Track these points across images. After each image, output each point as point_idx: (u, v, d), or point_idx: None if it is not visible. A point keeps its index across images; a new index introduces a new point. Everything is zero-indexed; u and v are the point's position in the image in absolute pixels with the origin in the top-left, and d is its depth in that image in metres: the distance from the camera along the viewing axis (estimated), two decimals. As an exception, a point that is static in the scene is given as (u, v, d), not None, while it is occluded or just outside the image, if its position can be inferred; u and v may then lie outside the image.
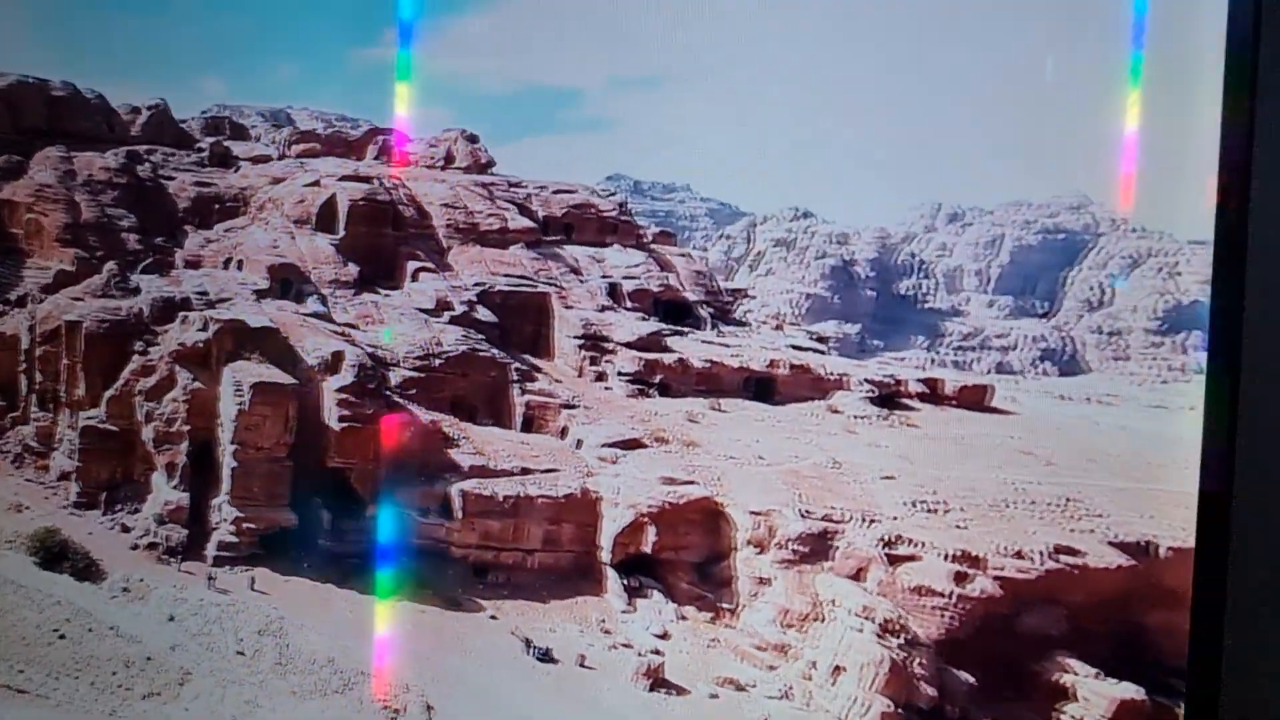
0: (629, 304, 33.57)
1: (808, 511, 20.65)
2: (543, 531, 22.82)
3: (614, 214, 38.27)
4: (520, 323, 30.94)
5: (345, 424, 24.60)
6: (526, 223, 36.16)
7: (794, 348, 32.17)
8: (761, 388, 29.96)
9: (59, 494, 26.42)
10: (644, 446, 24.66)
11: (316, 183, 36.65)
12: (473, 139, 41.97)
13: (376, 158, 42.19)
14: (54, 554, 22.70)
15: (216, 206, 39.62)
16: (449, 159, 39.48)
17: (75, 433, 26.57)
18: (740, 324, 37.96)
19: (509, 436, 26.47)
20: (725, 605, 21.15)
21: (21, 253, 38.15)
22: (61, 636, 20.73)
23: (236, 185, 40.52)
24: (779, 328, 41.31)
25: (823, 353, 32.49)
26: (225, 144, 44.83)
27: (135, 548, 23.99)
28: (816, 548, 20.19)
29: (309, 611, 21.53)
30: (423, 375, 27.50)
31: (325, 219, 34.92)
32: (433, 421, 25.37)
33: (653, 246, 38.45)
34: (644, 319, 32.50)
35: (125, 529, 24.79)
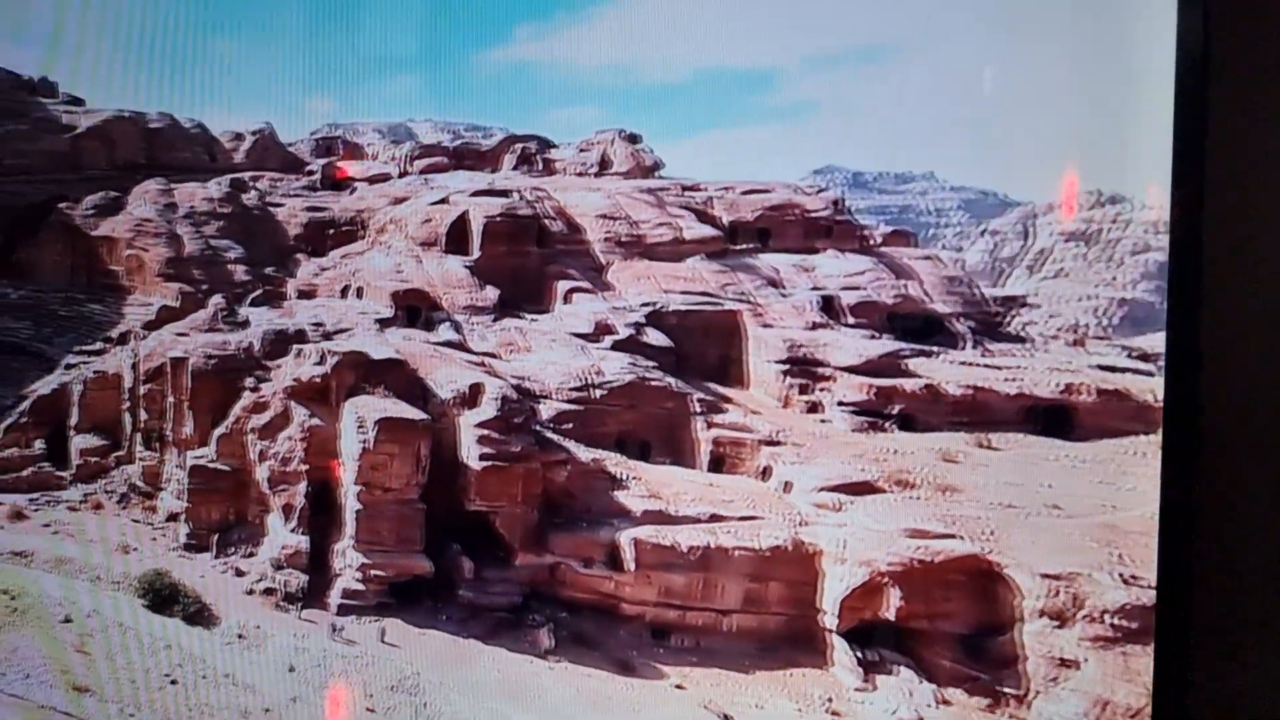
0: (850, 320, 35.90)
1: (1133, 577, 20.61)
2: (742, 590, 24.89)
3: (826, 213, 41.59)
4: (702, 346, 35.07)
5: (487, 463, 29.20)
6: (707, 230, 41.08)
7: (1102, 368, 31.29)
8: (1052, 419, 29.54)
9: (167, 535, 32.98)
10: (878, 491, 26.25)
11: (445, 200, 45.38)
12: (633, 139, 49.81)
13: (515, 168, 51.43)
14: (164, 597, 28.35)
15: (330, 232, 50.05)
16: (604, 164, 47.15)
17: (184, 472, 33.56)
18: (1017, 339, 38.05)
19: (693, 477, 29.75)
20: (1009, 690, 21.40)
21: (122, 289, 49.63)
22: (173, 682, 25.51)
23: (352, 208, 51.21)
24: (1078, 343, 39.90)
25: (1148, 374, 30.32)
26: (338, 164, 57.18)
27: (250, 593, 29.13)
28: (1148, 623, 20.15)
29: (449, 669, 24.92)
30: (580, 408, 32.22)
31: (456, 239, 43.04)
32: (594, 460, 29.31)
33: (882, 250, 40.75)
34: (873, 337, 34.53)
35: (239, 573, 30.30)
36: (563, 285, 39.63)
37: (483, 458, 29.15)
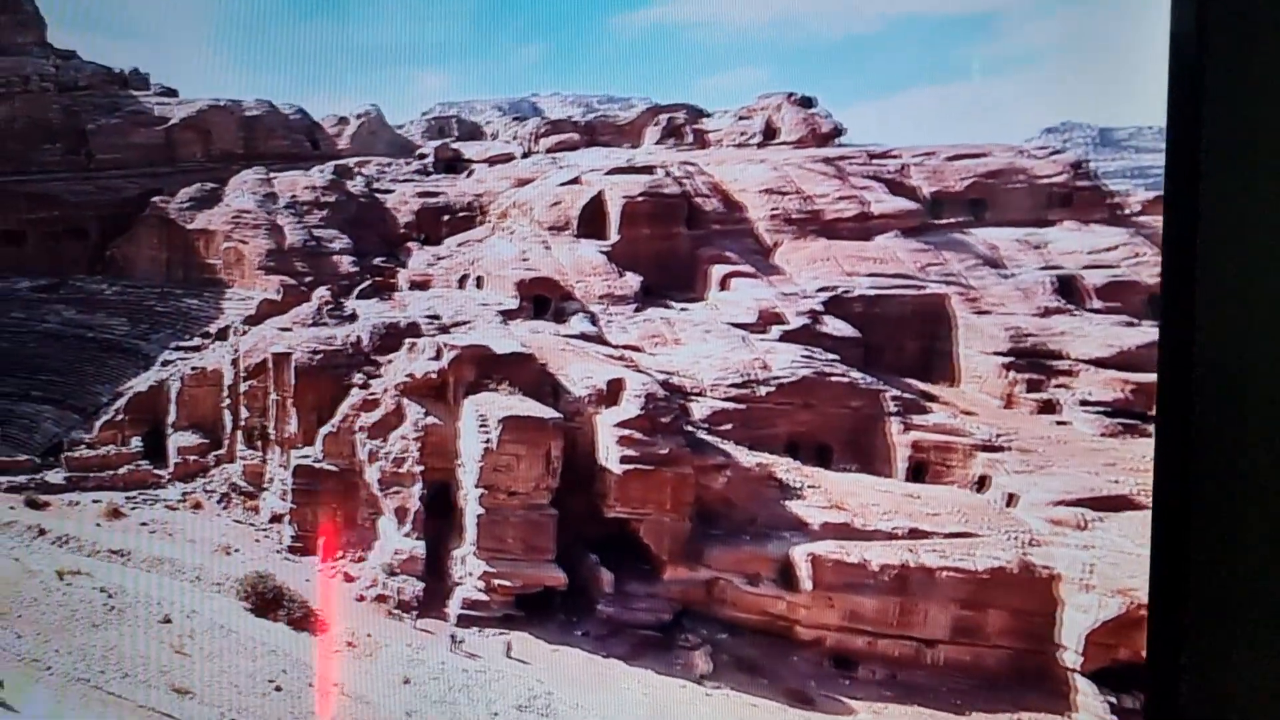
0: (1097, 304, 37.07)
1: None
2: (950, 617, 25.72)
3: (1062, 178, 43.27)
4: (898, 336, 36.80)
5: (629, 466, 31.97)
6: (902, 203, 43.62)
7: None
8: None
9: (271, 537, 38.13)
10: (1137, 507, 26.64)
11: (576, 180, 50.58)
12: (806, 103, 53.54)
13: (660, 142, 56.29)
14: (267, 600, 32.71)
15: (446, 218, 56.81)
16: (769, 133, 50.86)
17: (288, 472, 38.73)
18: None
19: (886, 486, 31.12)
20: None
21: (221, 283, 58.22)
22: (278, 689, 29.38)
23: (470, 192, 57.68)
24: None
25: None
26: (453, 147, 64.95)
27: (361, 599, 33.11)
28: None
29: (587, 689, 27.27)
30: (742, 407, 34.68)
31: (591, 222, 47.79)
32: (760, 465, 31.40)
33: (1140, 219, 41.91)
34: (1129, 324, 35.36)
35: (348, 578, 34.58)
36: (719, 270, 42.79)
37: (624, 460, 31.96)
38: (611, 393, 34.40)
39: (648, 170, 48.55)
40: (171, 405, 46.72)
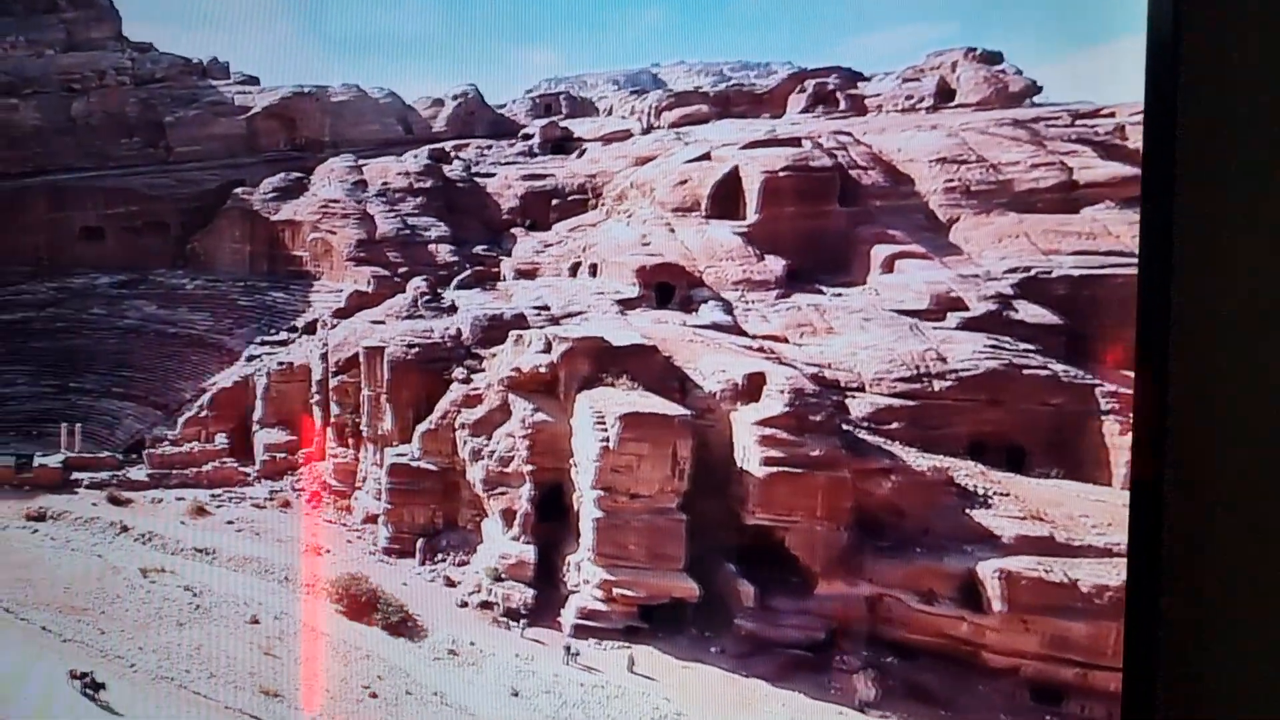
0: None
1: None
2: (1185, 647, 24.47)
3: None
4: (1113, 324, 35.62)
5: (773, 469, 32.31)
6: (1117, 169, 42.22)
7: None
8: None
9: (364, 538, 40.03)
10: None
11: (706, 155, 51.56)
12: (990, 58, 53.00)
13: (806, 110, 56.91)
14: (361, 604, 34.33)
15: (555, 202, 58.86)
16: (943, 94, 50.57)
17: (382, 471, 40.52)
18: None
19: (1100, 496, 30.47)
20: None
21: (308, 276, 61.58)
22: (373, 695, 30.68)
23: (582, 173, 59.61)
24: None
25: None
26: (562, 125, 66.77)
27: (464, 605, 34.43)
28: None
29: (725, 711, 27.73)
30: (912, 404, 34.56)
31: (723, 202, 48.70)
32: (935, 469, 31.09)
33: None
34: None
35: (450, 582, 36.01)
36: (881, 250, 42.80)
37: (767, 462, 32.32)
38: (750, 388, 34.90)
39: (793, 142, 49.10)
40: (258, 401, 49.80)
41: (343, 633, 33.28)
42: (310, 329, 54.51)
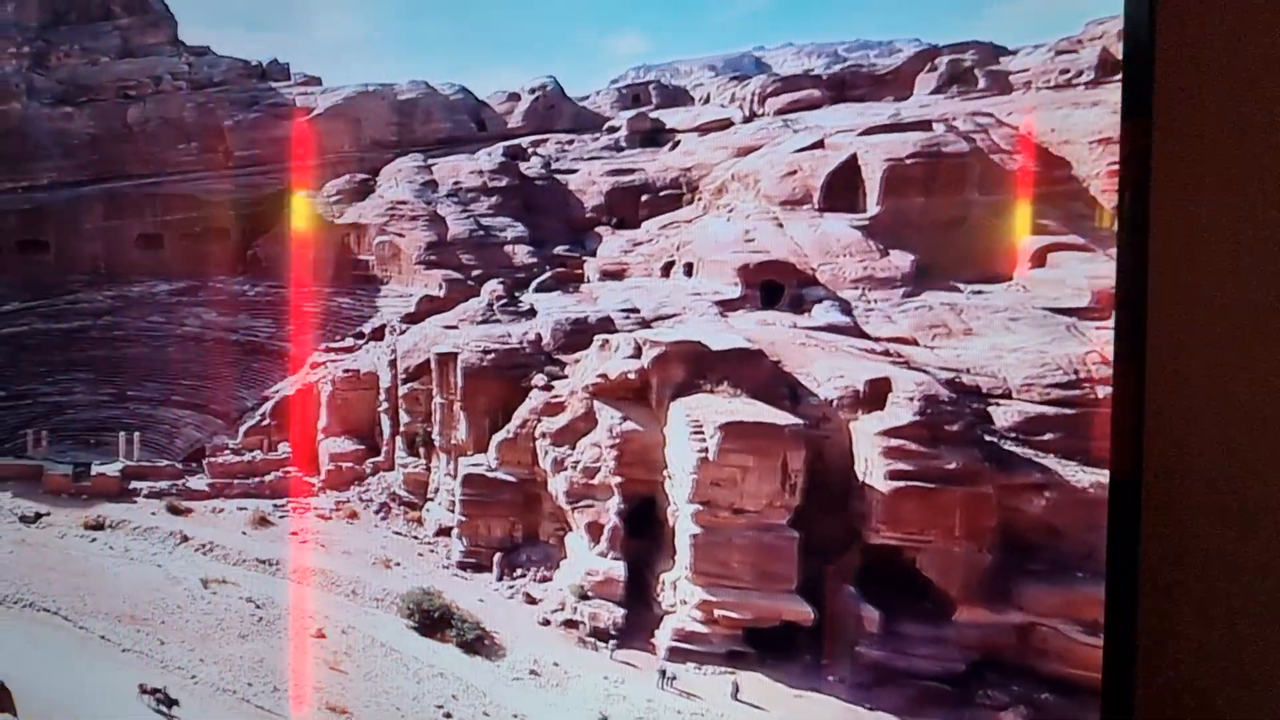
0: None
1: None
2: None
3: None
4: None
5: (900, 483, 31.88)
6: None
7: None
8: None
9: (437, 551, 40.72)
10: None
11: (818, 144, 51.52)
12: None
13: (938, 91, 56.29)
14: (434, 619, 34.91)
15: (645, 198, 59.48)
16: (1107, 67, 48.97)
17: (456, 481, 41.20)
18: None
19: None
20: None
21: (374, 280, 62.74)
22: (447, 715, 30.72)
23: (675, 167, 60.13)
24: None
25: None
26: (652, 116, 67.27)
27: (546, 623, 34.66)
28: None
29: None
30: (1070, 412, 33.63)
31: (839, 193, 48.45)
32: (1099, 484, 29.93)
33: None
34: None
35: (531, 599, 36.33)
36: (1031, 242, 41.82)
37: (893, 475, 31.89)
38: (873, 395, 34.50)
39: (921, 126, 48.57)
40: (322, 409, 51.06)
41: (414, 649, 33.79)
42: (378, 335, 55.79)
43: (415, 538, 41.81)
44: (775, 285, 45.15)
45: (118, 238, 71.33)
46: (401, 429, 46.70)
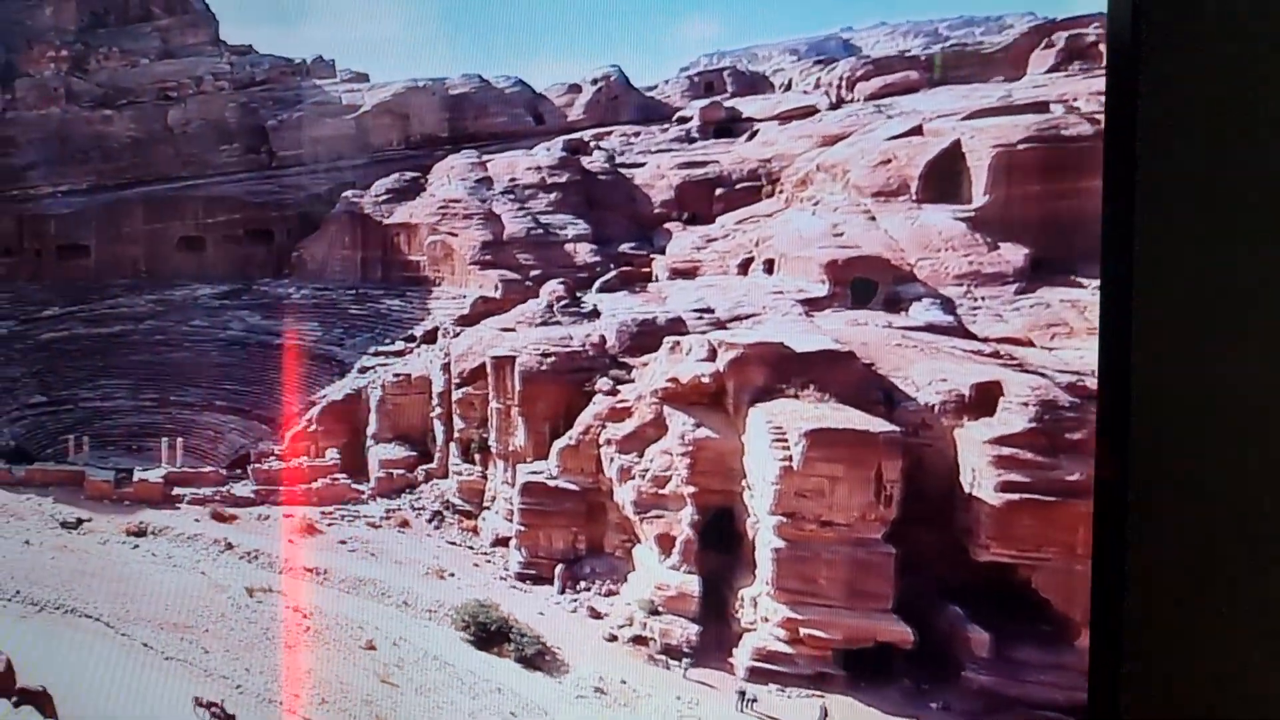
0: None
1: None
2: None
3: None
4: None
5: (1015, 495, 31.34)
6: None
7: None
8: None
9: (493, 562, 40.88)
10: None
11: (916, 130, 51.21)
12: None
13: (1055, 69, 55.38)
14: (491, 632, 34.95)
15: (719, 192, 59.45)
16: None
17: (514, 490, 41.36)
18: None
19: None
20: None
21: (426, 281, 63.25)
22: None
23: (753, 158, 60.07)
24: None
25: None
26: (727, 105, 67.08)
27: (613, 639, 34.55)
28: None
29: None
30: None
31: (940, 183, 47.98)
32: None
33: None
34: None
35: (596, 614, 36.30)
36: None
37: (1006, 488, 31.38)
38: (981, 399, 34.01)
39: (1037, 108, 47.99)
40: (371, 415, 51.63)
41: (470, 663, 33.80)
42: (430, 338, 56.38)
43: (470, 548, 42.03)
44: (867, 282, 44.85)
45: (159, 241, 72.85)
46: (456, 435, 47.08)
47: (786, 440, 32.91)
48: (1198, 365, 5.44)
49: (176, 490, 47.11)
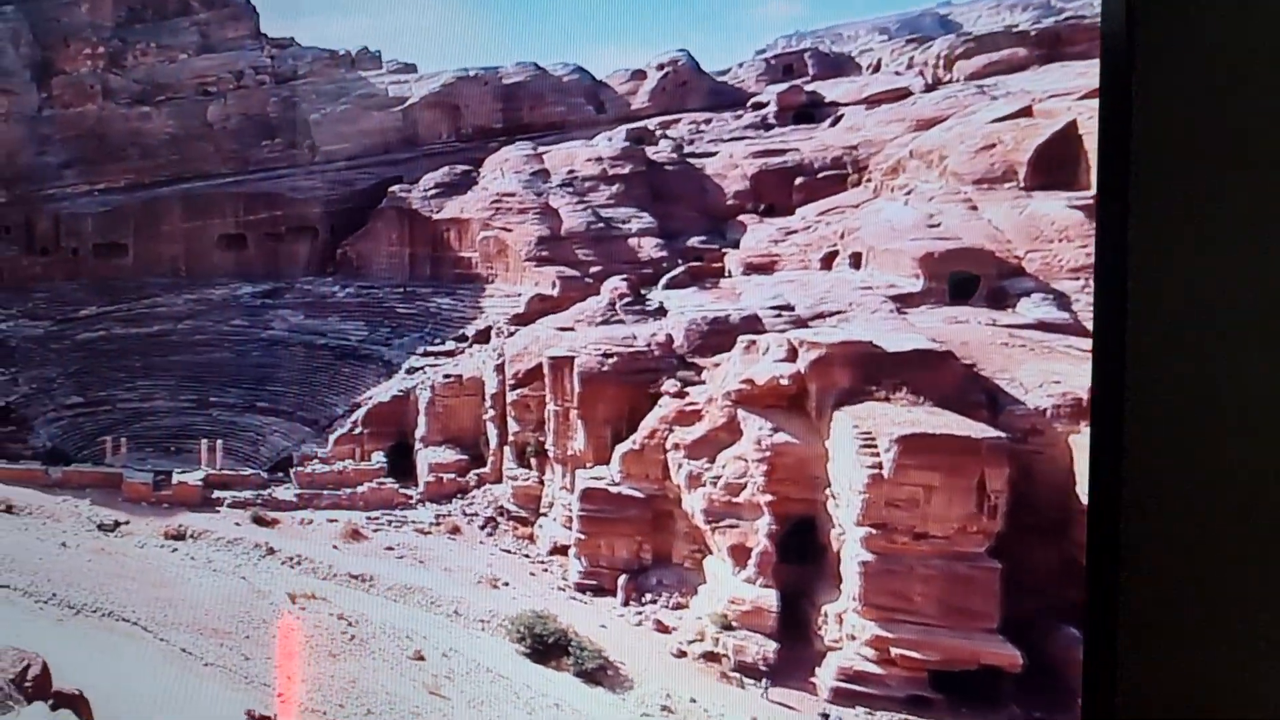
0: None
1: None
2: None
3: None
4: None
5: None
6: None
7: None
8: None
9: (550, 571, 40.88)
10: None
11: (1024, 111, 50.32)
12: None
13: None
14: (548, 644, 34.64)
15: (799, 181, 58.95)
16: None
17: (573, 496, 41.26)
18: None
19: None
20: None
21: (478, 279, 63.23)
22: None
23: (837, 145, 59.53)
24: None
25: None
26: (808, 89, 66.46)
27: (681, 655, 34.14)
28: None
29: None
30: None
31: (1052, 168, 46.88)
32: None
33: None
34: None
35: (663, 627, 36.00)
36: None
37: None
38: None
39: None
40: (420, 417, 51.83)
41: (525, 676, 33.58)
42: (482, 337, 56.60)
43: (526, 556, 42.11)
44: (968, 276, 44.08)
45: (198, 239, 73.60)
46: (510, 438, 47.14)
47: (875, 446, 32.40)
48: (1193, 370, 5.99)
49: (216, 493, 47.70)
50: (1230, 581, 5.87)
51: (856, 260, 48.82)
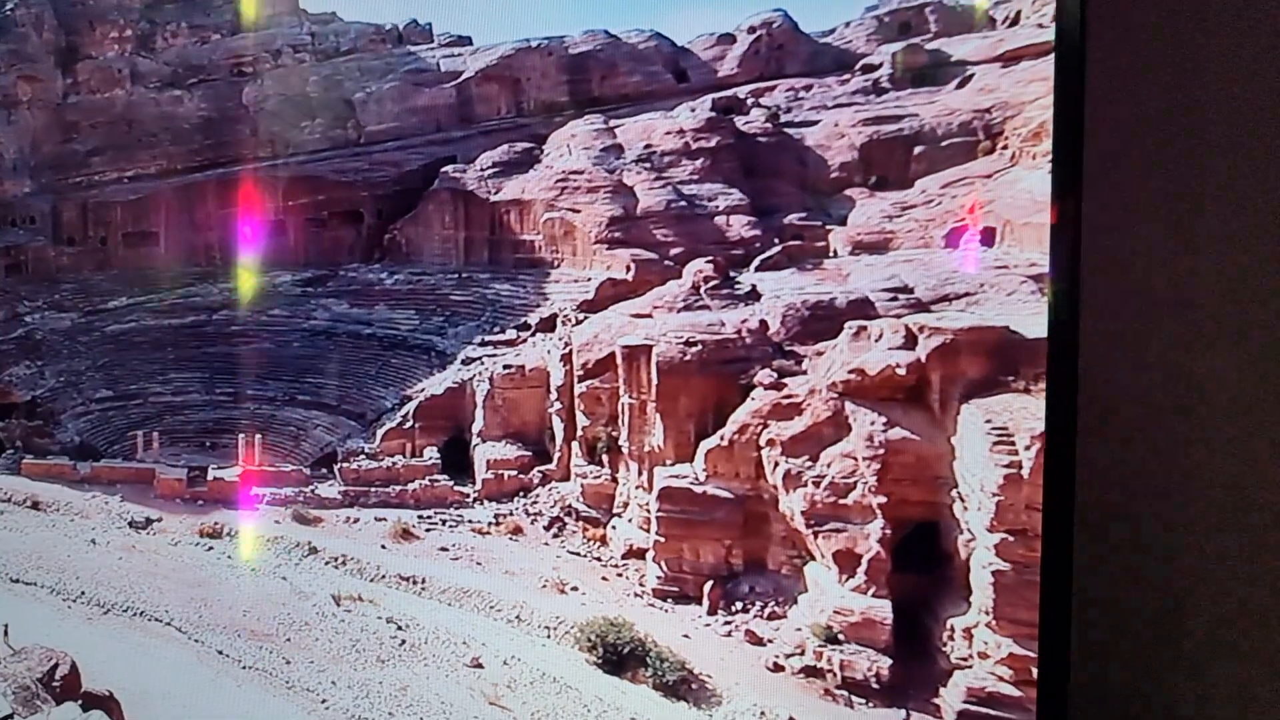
0: None
1: None
2: None
3: None
4: None
5: None
6: None
7: None
8: None
9: (625, 576, 40.76)
10: None
11: None
12: None
13: None
14: (623, 654, 34.54)
15: (917, 150, 58.58)
16: None
17: (652, 496, 41.02)
18: None
19: None
20: None
21: (542, 263, 63.36)
22: None
23: (965, 109, 58.68)
24: None
25: None
26: (929, 48, 65.73)
27: (777, 669, 33.74)
28: None
29: None
30: None
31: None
32: None
33: None
34: None
35: (756, 639, 35.47)
36: None
37: None
38: None
39: None
40: (478, 410, 52.30)
41: (597, 689, 33.54)
42: (547, 325, 56.71)
43: (597, 559, 42.05)
44: None
45: (233, 226, 74.00)
46: (579, 433, 47.14)
47: (1013, 443, 31.67)
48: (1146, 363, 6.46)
49: (254, 490, 48.30)
50: (1183, 591, 6.30)
51: (989, 236, 48.32)
